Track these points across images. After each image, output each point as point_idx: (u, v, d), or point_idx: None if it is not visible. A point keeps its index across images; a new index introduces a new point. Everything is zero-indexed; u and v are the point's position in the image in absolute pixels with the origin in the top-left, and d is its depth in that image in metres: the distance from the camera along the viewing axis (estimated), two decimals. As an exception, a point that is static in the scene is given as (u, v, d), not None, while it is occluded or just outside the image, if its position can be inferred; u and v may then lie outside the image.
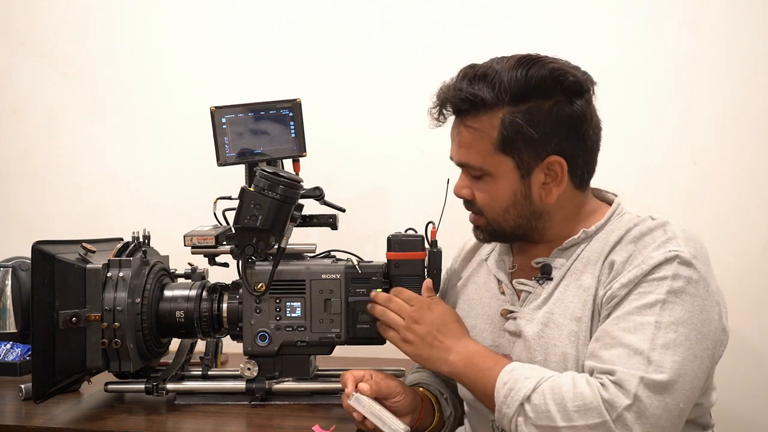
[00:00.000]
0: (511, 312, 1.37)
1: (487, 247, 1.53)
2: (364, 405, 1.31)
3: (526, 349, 1.32)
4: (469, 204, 1.39)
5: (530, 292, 1.37)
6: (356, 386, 1.33)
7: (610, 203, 1.39)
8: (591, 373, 1.20)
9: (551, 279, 1.34)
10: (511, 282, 1.41)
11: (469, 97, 1.28)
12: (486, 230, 1.38)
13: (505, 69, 1.27)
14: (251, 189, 1.42)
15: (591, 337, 1.26)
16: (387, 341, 1.49)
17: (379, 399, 1.34)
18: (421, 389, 1.48)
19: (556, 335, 1.29)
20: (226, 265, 1.59)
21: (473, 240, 1.56)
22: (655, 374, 1.13)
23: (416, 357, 1.36)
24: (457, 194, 1.39)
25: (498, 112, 1.27)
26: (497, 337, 1.39)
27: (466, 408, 1.49)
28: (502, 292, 1.42)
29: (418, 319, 1.35)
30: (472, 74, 1.30)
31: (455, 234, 1.62)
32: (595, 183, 1.54)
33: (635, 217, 1.33)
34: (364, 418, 1.31)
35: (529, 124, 1.26)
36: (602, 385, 1.15)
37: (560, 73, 1.28)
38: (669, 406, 1.14)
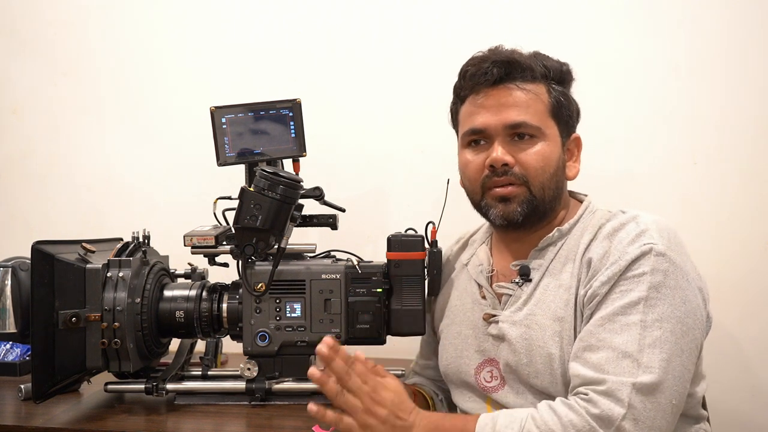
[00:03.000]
0: (493, 316, 1.37)
1: (467, 252, 1.53)
2: None
3: (511, 352, 1.32)
4: (505, 175, 1.33)
5: (510, 295, 1.37)
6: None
7: (581, 203, 1.42)
8: (575, 384, 1.19)
9: (530, 280, 1.35)
10: (491, 286, 1.42)
11: (530, 64, 1.35)
12: (525, 200, 1.33)
13: (539, 55, 1.38)
14: (251, 189, 1.42)
15: (575, 337, 1.26)
16: (386, 341, 1.50)
17: None
18: (416, 387, 1.51)
19: (540, 336, 1.29)
20: (226, 265, 1.59)
21: (455, 247, 1.58)
22: (644, 376, 1.13)
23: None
24: (499, 160, 1.32)
25: (543, 85, 1.36)
26: (481, 342, 1.39)
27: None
28: (483, 297, 1.42)
29: (378, 401, 1.18)
30: (513, 52, 1.37)
31: (455, 234, 1.63)
32: (595, 183, 1.54)
33: (607, 212, 1.35)
34: None
35: (566, 101, 1.38)
36: (588, 401, 1.14)
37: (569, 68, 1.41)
38: (662, 405, 1.14)
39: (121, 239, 1.60)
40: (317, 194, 1.55)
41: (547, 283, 1.33)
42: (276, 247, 1.48)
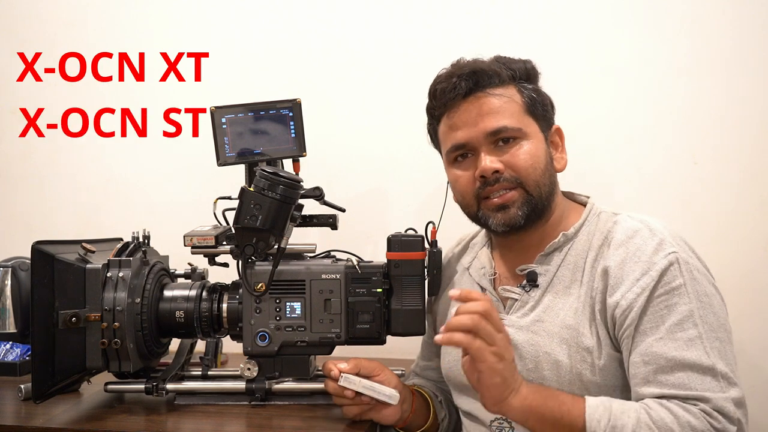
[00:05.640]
0: None
1: (468, 256, 1.53)
2: (353, 382, 1.37)
3: (516, 357, 1.30)
4: (498, 182, 1.32)
5: (516, 299, 1.37)
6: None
7: (583, 205, 1.41)
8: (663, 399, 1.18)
9: (537, 286, 1.35)
10: (495, 289, 1.41)
11: (496, 69, 1.35)
12: (524, 202, 1.32)
13: (500, 59, 1.40)
14: (251, 189, 1.42)
15: (590, 347, 1.25)
16: (386, 341, 1.50)
17: (363, 376, 1.39)
18: (416, 388, 1.51)
19: (548, 343, 1.29)
20: (226, 265, 1.59)
21: (456, 249, 1.57)
22: (732, 390, 1.16)
23: (498, 373, 1.17)
24: (489, 169, 1.31)
25: (513, 87, 1.37)
26: None
27: (462, 418, 1.48)
28: None
29: (508, 346, 1.20)
30: (476, 61, 1.38)
31: (455, 234, 1.63)
32: (595, 182, 1.54)
33: (611, 214, 1.35)
34: (356, 394, 1.36)
35: (539, 96, 1.38)
36: (705, 413, 1.14)
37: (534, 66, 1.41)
38: (745, 412, 1.19)
39: (121, 239, 1.60)
40: (317, 194, 1.55)
41: (557, 291, 1.32)
42: (276, 247, 1.47)
